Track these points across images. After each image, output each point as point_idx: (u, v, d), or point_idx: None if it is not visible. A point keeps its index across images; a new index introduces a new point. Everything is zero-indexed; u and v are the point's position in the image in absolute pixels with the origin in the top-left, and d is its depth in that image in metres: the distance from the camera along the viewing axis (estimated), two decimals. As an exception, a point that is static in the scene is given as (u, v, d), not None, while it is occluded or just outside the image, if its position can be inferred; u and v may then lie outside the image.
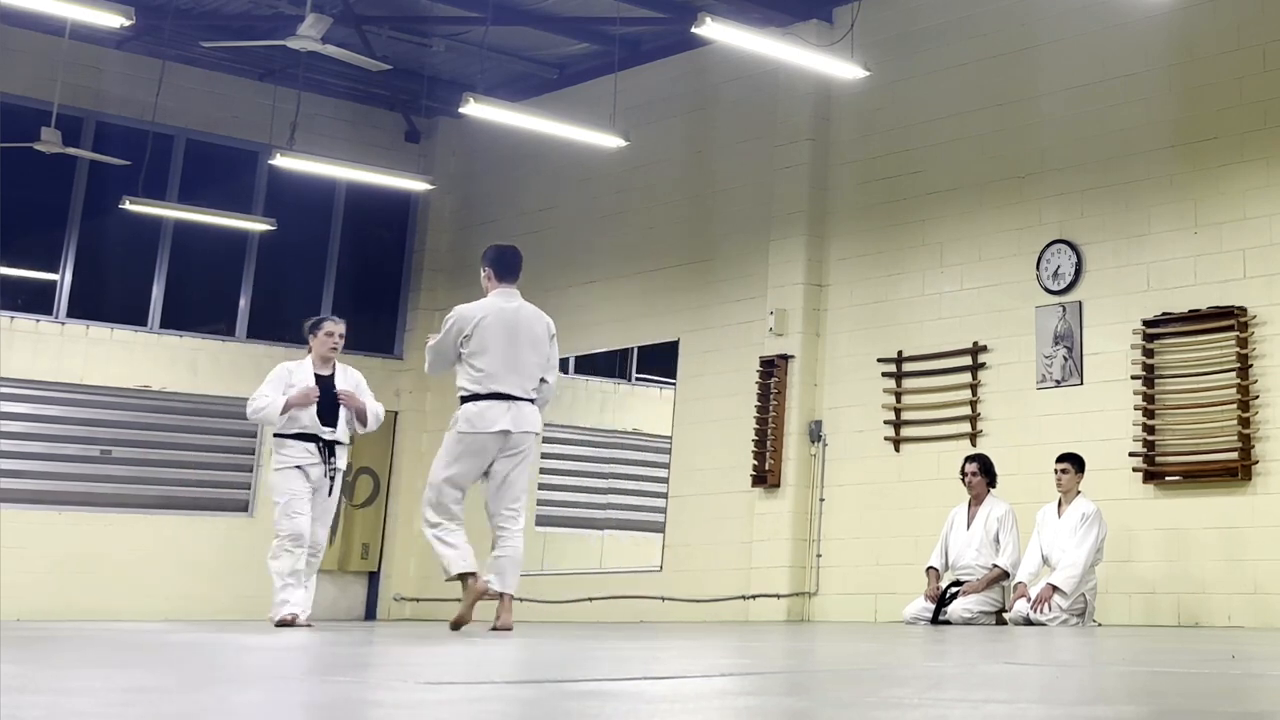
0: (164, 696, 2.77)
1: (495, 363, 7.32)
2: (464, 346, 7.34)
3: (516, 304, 7.50)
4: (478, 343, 7.32)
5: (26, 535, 13.22)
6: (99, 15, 9.48)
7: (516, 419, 7.32)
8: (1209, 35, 10.34)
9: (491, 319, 7.38)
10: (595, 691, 2.98)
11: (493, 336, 7.34)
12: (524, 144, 14.31)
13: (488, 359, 7.31)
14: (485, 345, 7.32)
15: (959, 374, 11.30)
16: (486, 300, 7.49)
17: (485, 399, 7.30)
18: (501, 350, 7.34)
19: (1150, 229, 10.42)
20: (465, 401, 7.37)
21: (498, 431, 7.29)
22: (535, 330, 7.48)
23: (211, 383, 14.38)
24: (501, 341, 7.35)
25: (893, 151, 12.02)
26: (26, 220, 13.74)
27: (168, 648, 5.16)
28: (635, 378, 15.62)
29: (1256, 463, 9.66)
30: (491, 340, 7.34)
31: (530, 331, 7.46)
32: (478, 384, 7.32)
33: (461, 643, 5.68)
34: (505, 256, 7.60)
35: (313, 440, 8.58)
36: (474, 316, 7.37)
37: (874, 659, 4.59)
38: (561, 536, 15.33)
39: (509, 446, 7.33)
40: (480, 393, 7.32)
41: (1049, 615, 9.26)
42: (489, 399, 7.30)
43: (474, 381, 7.33)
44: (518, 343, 7.39)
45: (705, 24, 9.63)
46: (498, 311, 7.42)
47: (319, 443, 8.59)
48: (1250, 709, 2.71)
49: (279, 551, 8.42)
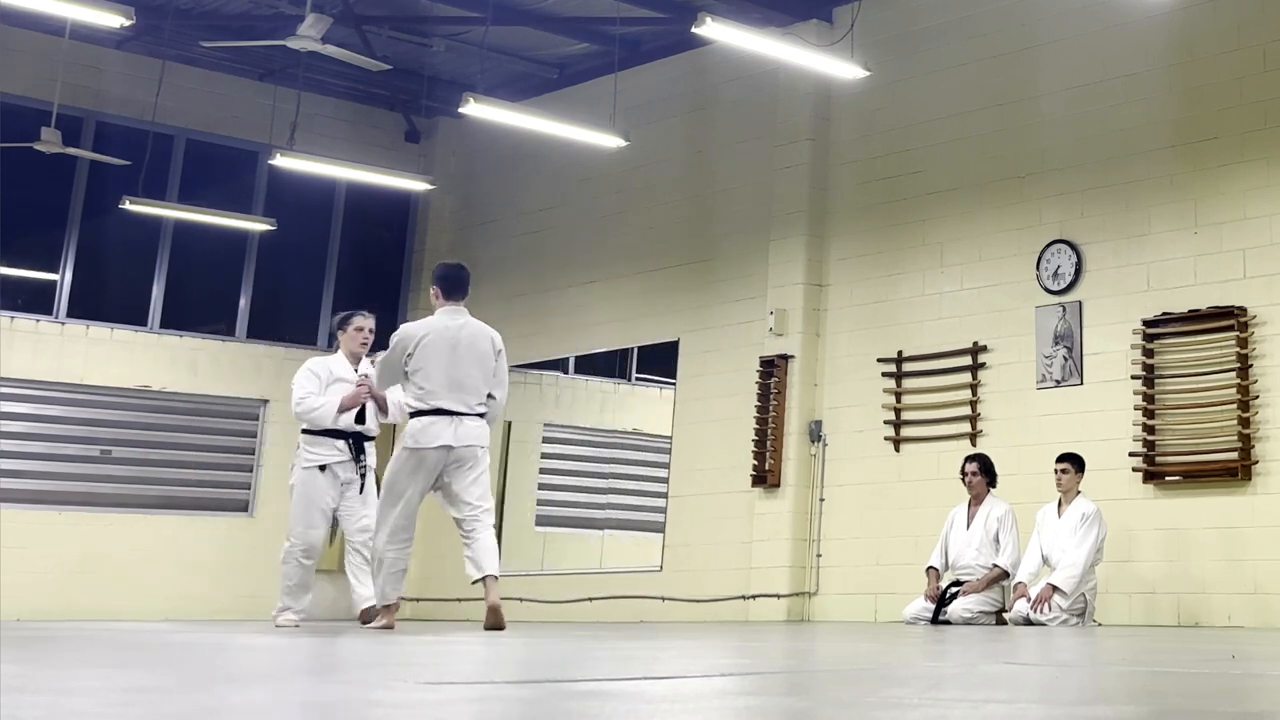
0: (164, 696, 2.77)
1: (437, 380, 7.54)
2: (408, 365, 7.58)
3: (461, 321, 7.70)
4: (420, 360, 7.56)
5: (26, 535, 13.22)
6: (99, 15, 9.48)
7: (459, 434, 7.53)
8: (1209, 35, 10.34)
9: (434, 337, 7.61)
10: (595, 691, 2.98)
11: (435, 354, 7.57)
12: (524, 144, 14.31)
13: (430, 376, 7.54)
14: (427, 363, 7.55)
15: (959, 374, 11.30)
16: (432, 319, 7.73)
17: (429, 414, 7.53)
18: (444, 368, 7.56)
19: (1150, 229, 10.42)
20: (412, 417, 7.61)
21: (439, 446, 7.50)
22: (480, 347, 7.68)
23: (211, 383, 14.39)
24: (444, 359, 7.57)
25: (893, 151, 12.02)
26: (26, 220, 13.74)
27: (168, 648, 5.16)
28: (635, 378, 15.62)
29: (1256, 463, 9.66)
30: (433, 358, 7.56)
31: (475, 349, 7.67)
32: (421, 400, 7.58)
33: (462, 643, 5.69)
34: (451, 275, 7.85)
35: (343, 437, 8.40)
36: (416, 335, 7.62)
37: (874, 659, 4.59)
38: (561, 536, 15.34)
39: (453, 460, 7.53)
40: (424, 409, 7.56)
41: (1049, 615, 9.26)
42: (432, 414, 7.53)
43: (417, 398, 7.59)
44: (460, 360, 7.59)
45: (705, 24, 9.63)
46: (441, 330, 7.64)
47: (349, 439, 8.42)
48: (1250, 709, 2.71)
49: (289, 559, 8.33)
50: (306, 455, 8.37)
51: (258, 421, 14.59)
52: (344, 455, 8.37)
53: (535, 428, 15.37)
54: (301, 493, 8.36)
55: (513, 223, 15.11)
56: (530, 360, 14.64)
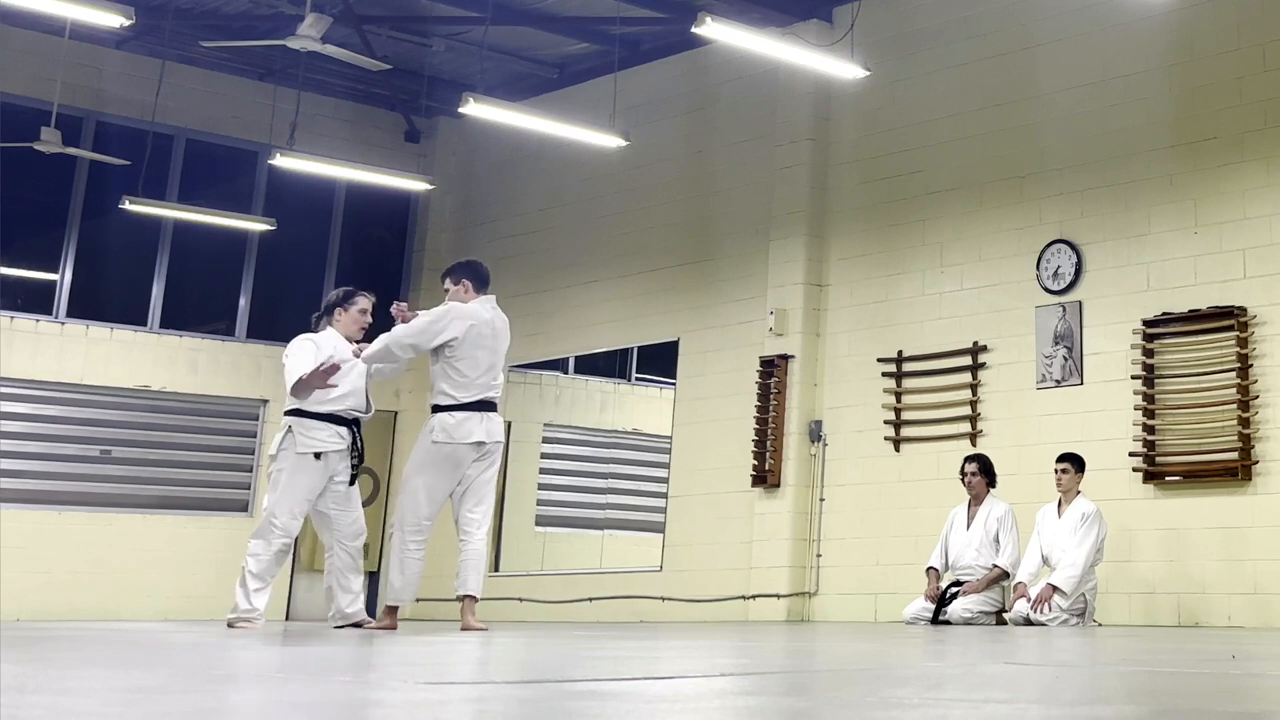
0: (164, 696, 2.77)
1: (483, 368, 7.38)
2: (450, 349, 7.32)
3: (496, 313, 7.61)
4: (468, 348, 7.36)
5: (26, 535, 13.22)
6: (99, 15, 9.47)
7: (490, 429, 7.40)
8: (1209, 35, 10.34)
9: (482, 327, 7.45)
10: (595, 691, 2.98)
11: (482, 344, 7.41)
12: (524, 144, 14.32)
13: (477, 364, 7.36)
14: (475, 351, 7.38)
15: (959, 374, 11.30)
16: (474, 307, 7.52)
17: (463, 409, 7.32)
18: (488, 357, 7.42)
19: (1150, 229, 10.42)
20: (443, 410, 7.35)
21: (474, 443, 7.34)
22: (504, 341, 7.62)
23: (211, 383, 14.39)
24: (488, 349, 7.43)
25: (893, 151, 12.02)
26: (26, 220, 13.74)
27: (168, 648, 5.16)
28: (635, 378, 15.62)
29: (1256, 463, 9.66)
30: (481, 347, 7.40)
31: (503, 341, 7.60)
32: (459, 390, 7.33)
33: (462, 643, 5.68)
34: (483, 269, 7.73)
35: (344, 423, 7.71)
36: (469, 319, 7.39)
37: (874, 659, 4.59)
38: (561, 536, 15.33)
39: (480, 456, 7.39)
40: (459, 402, 7.33)
41: (1049, 615, 9.25)
42: (466, 409, 7.33)
43: (456, 387, 7.33)
44: (497, 351, 7.52)
45: (705, 24, 9.63)
46: (487, 320, 7.51)
47: (352, 425, 7.76)
48: (1250, 709, 2.71)
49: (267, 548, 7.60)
50: (302, 440, 7.61)
51: (258, 421, 14.59)
52: (343, 443, 7.69)
53: (535, 428, 15.37)
54: (290, 480, 7.60)
55: (513, 223, 15.11)
56: (530, 360, 14.64)
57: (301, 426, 7.65)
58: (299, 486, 7.65)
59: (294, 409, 7.67)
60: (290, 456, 7.64)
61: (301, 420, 7.66)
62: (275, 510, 7.65)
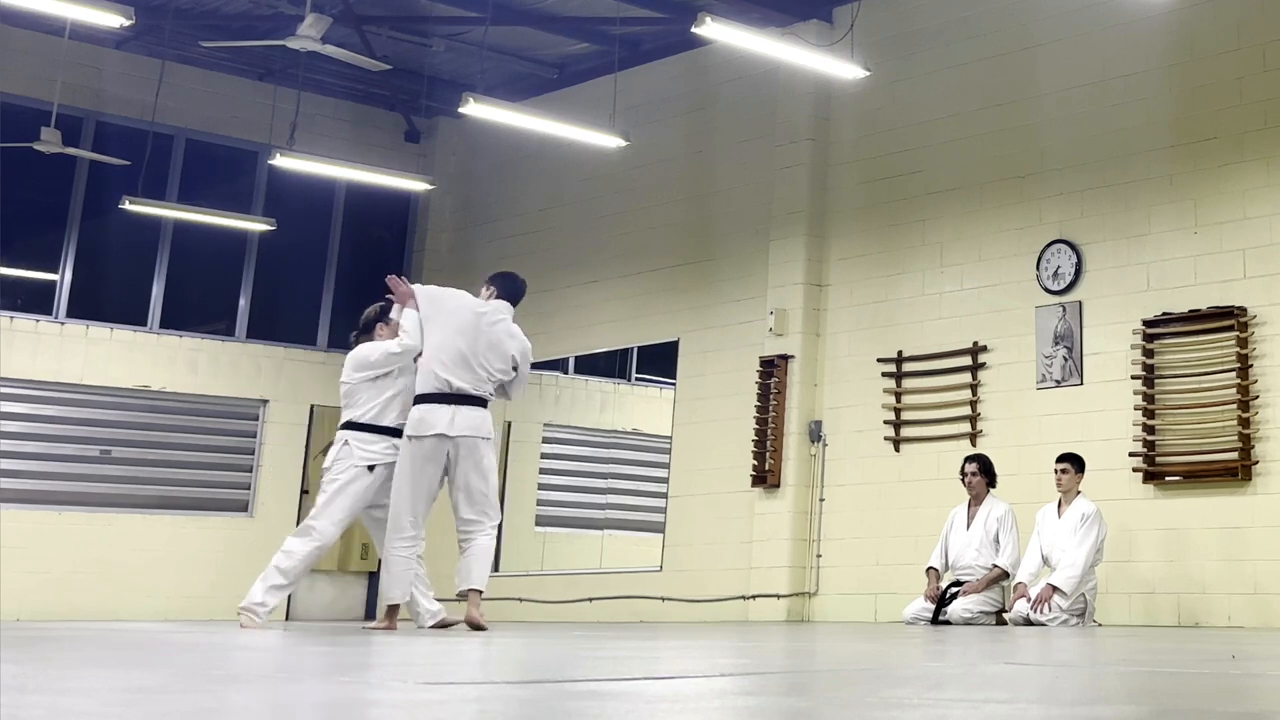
0: (164, 696, 2.77)
1: (450, 349, 7.36)
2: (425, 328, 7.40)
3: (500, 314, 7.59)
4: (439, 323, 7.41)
5: (26, 535, 13.22)
6: (99, 15, 9.48)
7: (456, 422, 7.33)
8: (1209, 35, 10.34)
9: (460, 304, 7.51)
10: (595, 691, 2.98)
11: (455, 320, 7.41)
12: (524, 144, 14.32)
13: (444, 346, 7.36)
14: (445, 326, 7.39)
15: (959, 374, 11.30)
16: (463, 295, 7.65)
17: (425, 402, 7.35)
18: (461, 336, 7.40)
19: (1150, 229, 10.42)
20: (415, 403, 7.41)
21: (435, 435, 7.32)
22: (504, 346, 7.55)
23: (211, 383, 14.39)
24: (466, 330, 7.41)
25: (893, 151, 12.02)
26: (26, 220, 13.74)
27: (168, 648, 5.16)
28: (635, 378, 15.63)
29: (1257, 463, 9.66)
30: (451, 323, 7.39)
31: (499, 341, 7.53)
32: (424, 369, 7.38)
33: (462, 643, 5.68)
34: (511, 281, 7.84)
35: (398, 435, 7.71)
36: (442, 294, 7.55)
37: (874, 659, 4.59)
38: (561, 536, 15.34)
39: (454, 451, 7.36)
40: (424, 391, 7.36)
41: (1049, 615, 9.25)
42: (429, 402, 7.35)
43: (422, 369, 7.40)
44: (479, 338, 7.45)
45: (705, 24, 9.63)
46: (473, 304, 7.55)
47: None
48: (1250, 709, 2.71)
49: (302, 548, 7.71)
50: (359, 453, 7.75)
51: (257, 421, 14.59)
52: (395, 454, 7.70)
53: (535, 428, 15.37)
54: (342, 490, 7.74)
55: (513, 223, 15.10)
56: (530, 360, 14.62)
57: (358, 440, 7.80)
58: (349, 497, 7.78)
59: (348, 422, 7.87)
60: (348, 469, 7.80)
61: (358, 434, 7.82)
62: (319, 516, 7.81)
